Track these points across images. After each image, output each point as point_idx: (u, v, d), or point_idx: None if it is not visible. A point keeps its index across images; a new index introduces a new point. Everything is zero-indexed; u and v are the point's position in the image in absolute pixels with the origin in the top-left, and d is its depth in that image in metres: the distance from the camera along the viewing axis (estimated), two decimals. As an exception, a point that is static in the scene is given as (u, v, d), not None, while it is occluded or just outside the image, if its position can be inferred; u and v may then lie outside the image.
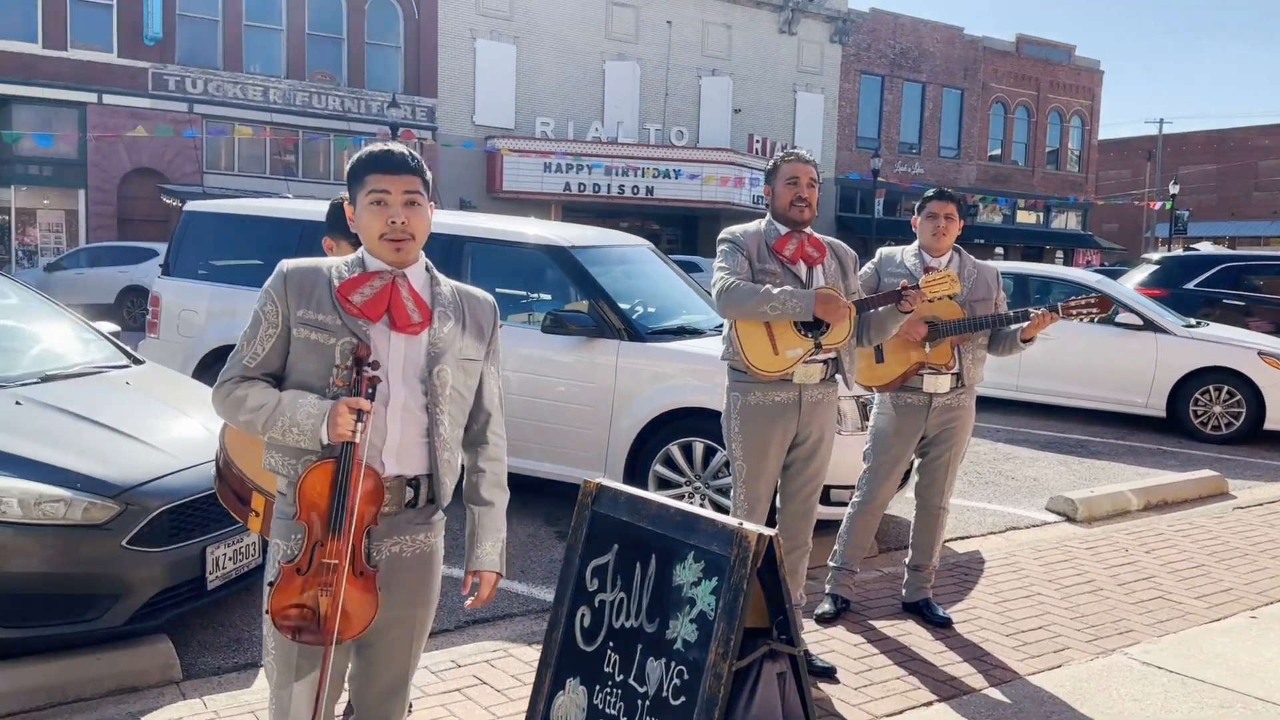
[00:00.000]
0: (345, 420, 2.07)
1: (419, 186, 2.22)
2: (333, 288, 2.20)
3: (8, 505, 3.57)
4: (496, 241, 6.38)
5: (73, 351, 4.90)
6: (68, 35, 23.75)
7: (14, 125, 22.89)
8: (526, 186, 28.56)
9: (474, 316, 2.35)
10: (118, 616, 3.73)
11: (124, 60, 24.40)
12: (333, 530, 2.10)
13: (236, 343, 2.27)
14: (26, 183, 24.22)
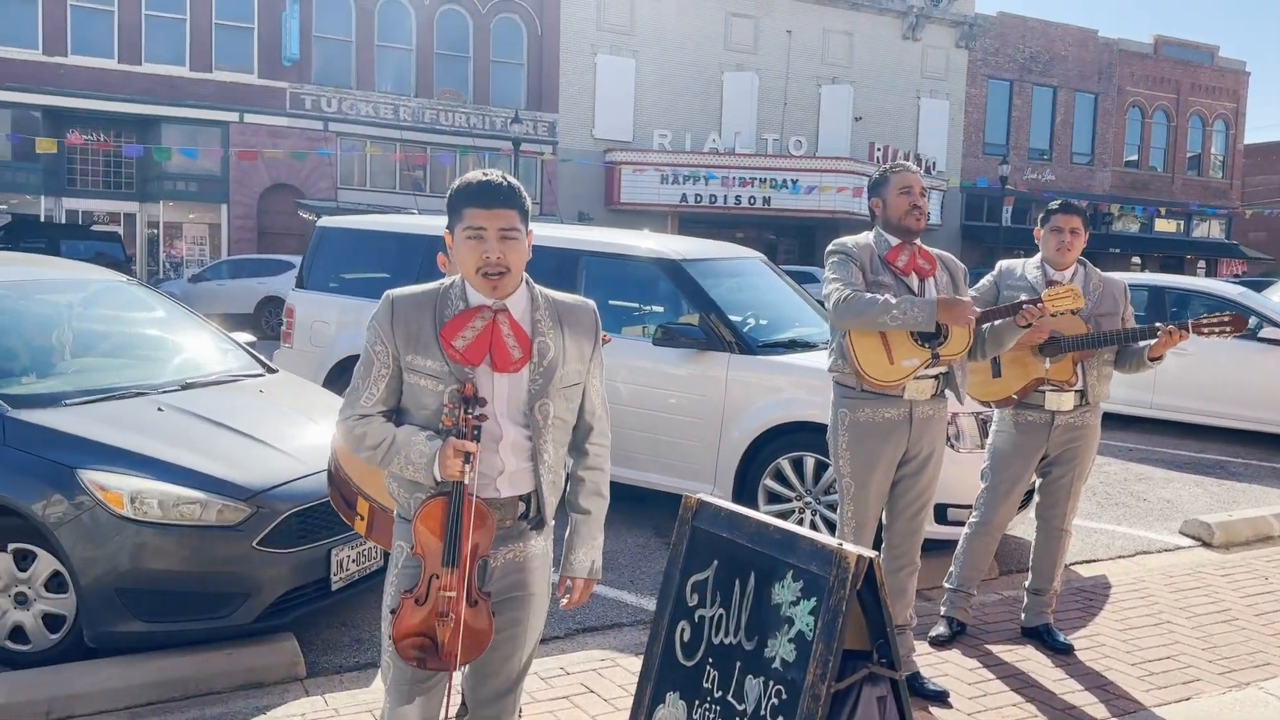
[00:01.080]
0: (453, 463, 2.17)
1: (516, 221, 2.25)
2: (437, 329, 2.25)
3: (148, 506, 3.79)
4: (610, 255, 6.46)
5: (211, 360, 5.18)
6: (212, 58, 25.14)
7: (163, 144, 24.35)
8: (643, 198, 28.79)
9: (574, 332, 2.38)
10: (248, 614, 3.92)
11: (264, 81, 25.68)
12: (447, 564, 2.20)
13: (354, 375, 2.36)
14: (174, 198, 25.71)
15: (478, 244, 2.22)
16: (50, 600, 3.89)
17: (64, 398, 4.28)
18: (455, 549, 2.20)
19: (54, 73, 23.55)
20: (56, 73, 23.57)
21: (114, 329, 5.22)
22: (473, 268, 2.23)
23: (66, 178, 24.71)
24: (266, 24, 25.53)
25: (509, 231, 2.23)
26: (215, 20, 25.05)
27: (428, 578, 2.24)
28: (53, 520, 3.78)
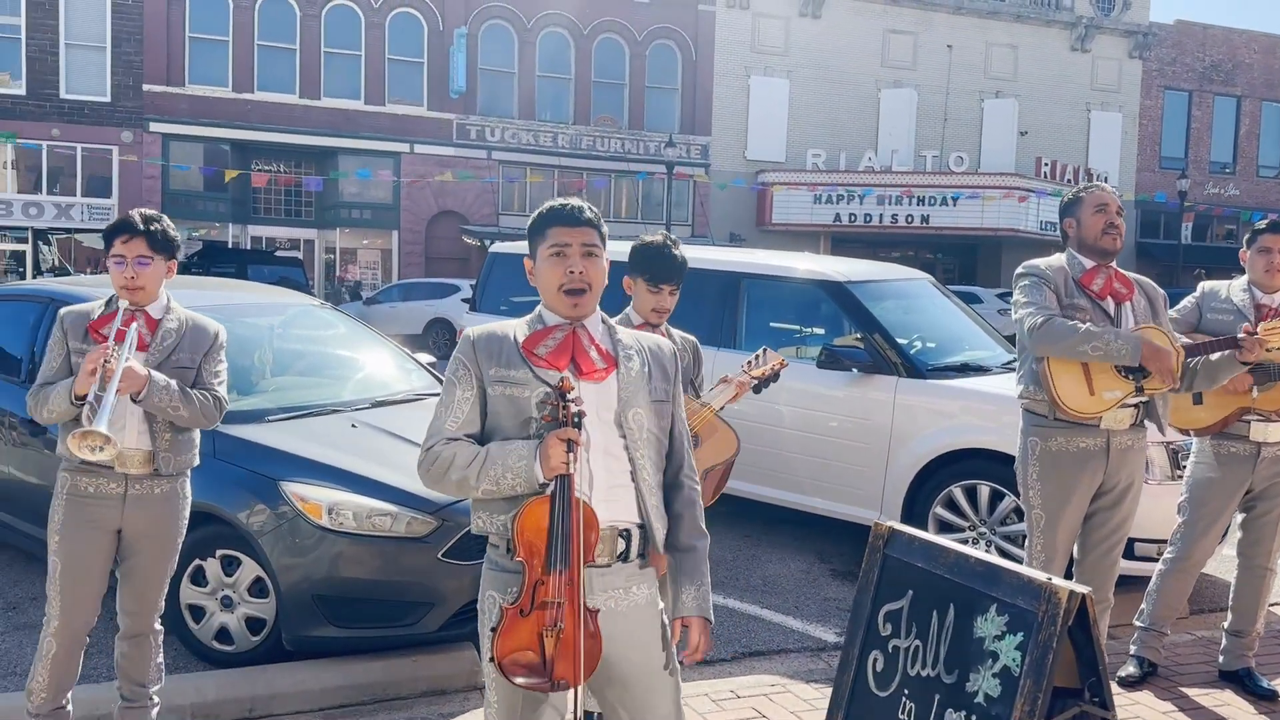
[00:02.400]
0: (557, 451, 2.09)
1: (596, 239, 2.27)
2: (518, 344, 2.25)
3: (344, 517, 4.01)
4: (771, 277, 6.45)
5: (396, 379, 5.45)
6: (385, 92, 26.50)
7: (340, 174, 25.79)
8: (796, 219, 28.58)
9: (657, 360, 2.36)
10: (432, 623, 4.08)
11: (432, 113, 26.89)
12: (553, 565, 2.07)
13: (435, 413, 2.29)
14: (349, 225, 27.18)
15: (561, 260, 2.23)
16: (252, 604, 4.15)
17: (267, 414, 4.58)
18: (565, 548, 2.05)
19: (242, 109, 25.32)
20: (244, 109, 25.34)
21: (309, 350, 5.56)
22: (555, 284, 2.23)
23: (252, 207, 26.48)
24: (435, 58, 26.75)
25: (591, 247, 2.25)
26: (388, 56, 26.42)
27: (531, 585, 2.08)
28: (256, 529, 4.05)
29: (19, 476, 4.99)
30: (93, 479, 3.09)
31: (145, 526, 3.16)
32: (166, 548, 3.24)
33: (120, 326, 3.05)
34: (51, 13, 23.73)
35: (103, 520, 3.12)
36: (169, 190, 24.70)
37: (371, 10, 26.15)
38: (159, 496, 3.17)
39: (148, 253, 3.06)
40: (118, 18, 24.20)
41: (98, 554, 3.15)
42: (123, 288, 3.07)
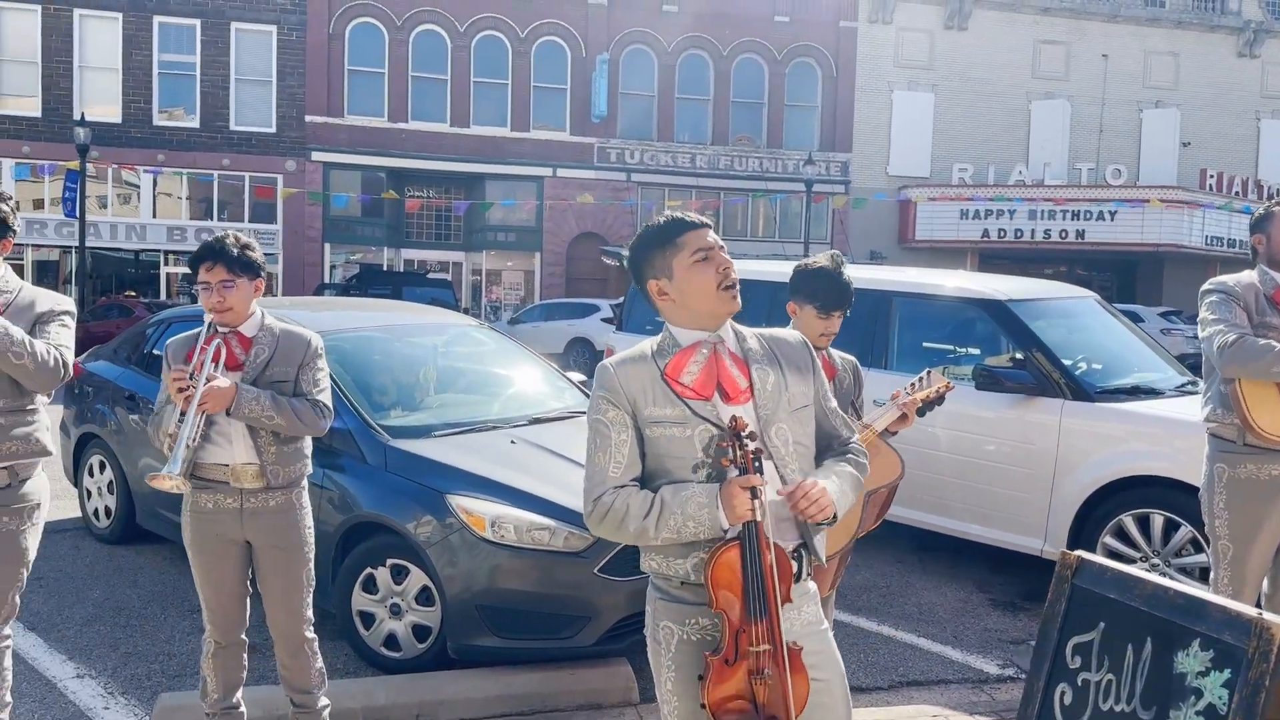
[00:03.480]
0: (742, 500, 2.03)
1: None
2: (663, 375, 2.17)
3: (506, 530, 4.13)
4: (925, 295, 6.31)
5: (551, 397, 5.58)
6: (530, 119, 27.27)
7: (486, 198, 26.65)
8: (941, 235, 27.88)
9: (788, 358, 2.29)
10: (588, 637, 4.14)
11: (574, 138, 27.50)
12: (752, 615, 2.04)
13: (589, 459, 2.21)
14: (494, 247, 28.02)
15: (709, 263, 2.17)
16: (419, 612, 4.31)
17: (433, 430, 4.76)
18: (762, 597, 2.04)
19: (397, 137, 26.48)
20: (399, 137, 26.49)
21: (469, 368, 5.76)
22: (713, 287, 2.16)
23: (404, 231, 27.61)
24: (578, 85, 27.38)
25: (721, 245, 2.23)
26: (533, 84, 27.19)
27: (733, 634, 2.06)
28: (424, 539, 4.20)
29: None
30: (211, 495, 3.19)
31: (267, 538, 3.24)
32: (293, 558, 3.27)
33: (203, 344, 3.13)
34: (224, 50, 25.42)
35: (227, 532, 3.22)
36: (329, 216, 26.02)
37: (518, 40, 26.98)
38: (274, 509, 3.22)
39: (229, 275, 3.10)
40: (283, 53, 25.72)
41: (230, 564, 3.25)
42: (212, 310, 3.15)
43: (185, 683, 4.18)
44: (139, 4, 24.84)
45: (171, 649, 4.54)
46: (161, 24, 25.11)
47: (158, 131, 25.15)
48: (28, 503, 2.99)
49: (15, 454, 2.91)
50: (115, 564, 5.70)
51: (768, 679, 2.04)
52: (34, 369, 2.81)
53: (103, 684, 4.15)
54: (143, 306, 19.41)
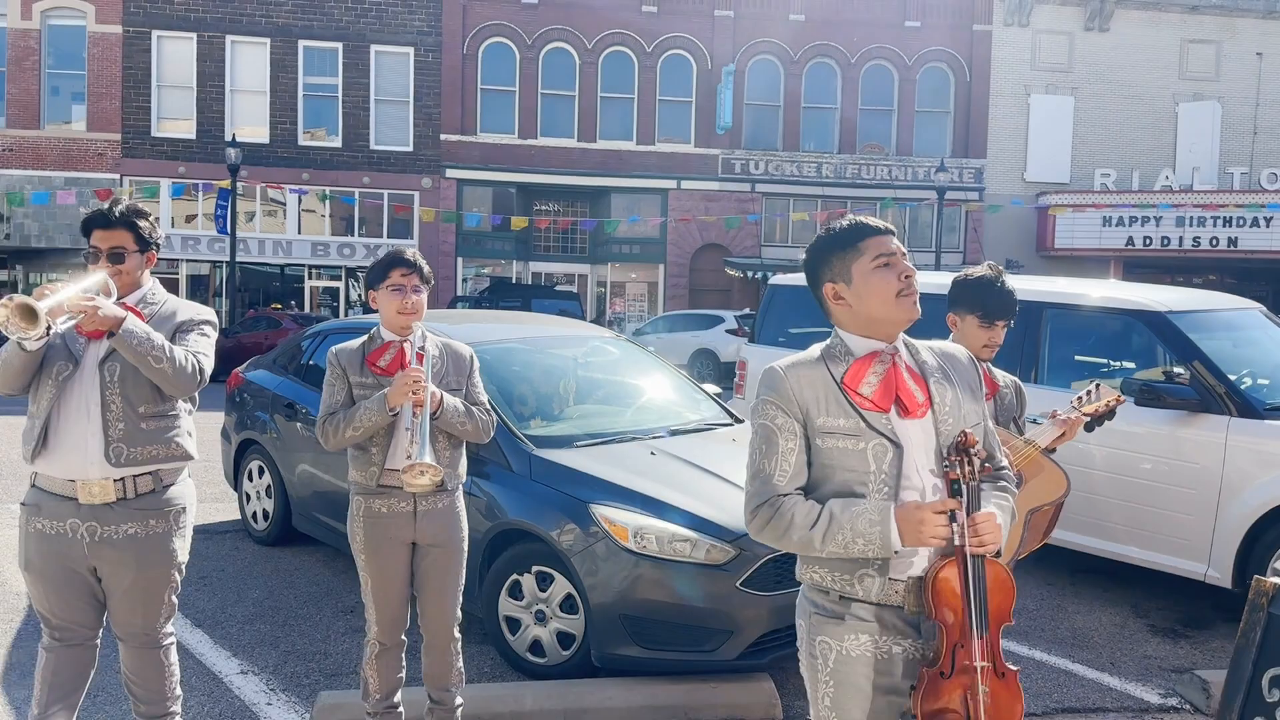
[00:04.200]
0: (931, 524, 2.01)
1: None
2: (840, 385, 2.13)
3: (648, 541, 4.15)
4: (1078, 307, 6.06)
5: (688, 409, 5.59)
6: (655, 132, 27.47)
7: (611, 212, 26.94)
8: (1081, 243, 26.78)
9: (960, 376, 2.24)
10: (730, 651, 4.12)
11: (699, 149, 27.56)
12: (973, 631, 2.03)
13: (752, 463, 2.17)
14: (619, 260, 28.29)
15: (890, 270, 2.14)
16: (563, 620, 4.36)
17: (574, 440, 4.83)
18: (983, 614, 2.04)
19: (526, 153, 27.06)
20: (528, 153, 27.07)
21: (607, 379, 5.82)
22: (891, 292, 2.13)
23: (533, 244, 28.16)
24: (703, 97, 27.45)
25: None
26: (659, 97, 27.39)
27: (950, 648, 2.05)
28: (568, 547, 4.26)
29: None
30: (385, 500, 3.36)
31: (434, 538, 3.41)
32: (454, 557, 3.46)
33: (416, 350, 3.33)
34: (364, 73, 26.48)
35: (399, 535, 3.39)
36: (461, 231, 26.76)
37: (645, 54, 27.23)
38: (443, 510, 3.42)
39: (420, 283, 3.36)
40: (419, 74, 26.63)
41: (400, 566, 3.42)
42: (399, 313, 3.33)
43: (341, 682, 4.33)
44: (285, 29, 26.13)
45: (327, 648, 4.72)
46: (306, 48, 26.34)
47: (303, 151, 26.37)
48: (174, 507, 3.10)
49: (158, 459, 3.02)
50: (273, 565, 5.97)
51: (984, 696, 2.02)
52: (173, 375, 2.91)
53: (265, 680, 4.34)
54: (289, 318, 20.32)
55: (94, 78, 25.47)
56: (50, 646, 3.09)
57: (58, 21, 25.42)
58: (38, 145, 25.29)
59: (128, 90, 25.56)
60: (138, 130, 25.68)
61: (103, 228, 2.99)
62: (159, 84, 25.84)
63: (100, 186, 24.89)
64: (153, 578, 3.05)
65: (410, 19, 26.56)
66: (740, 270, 26.63)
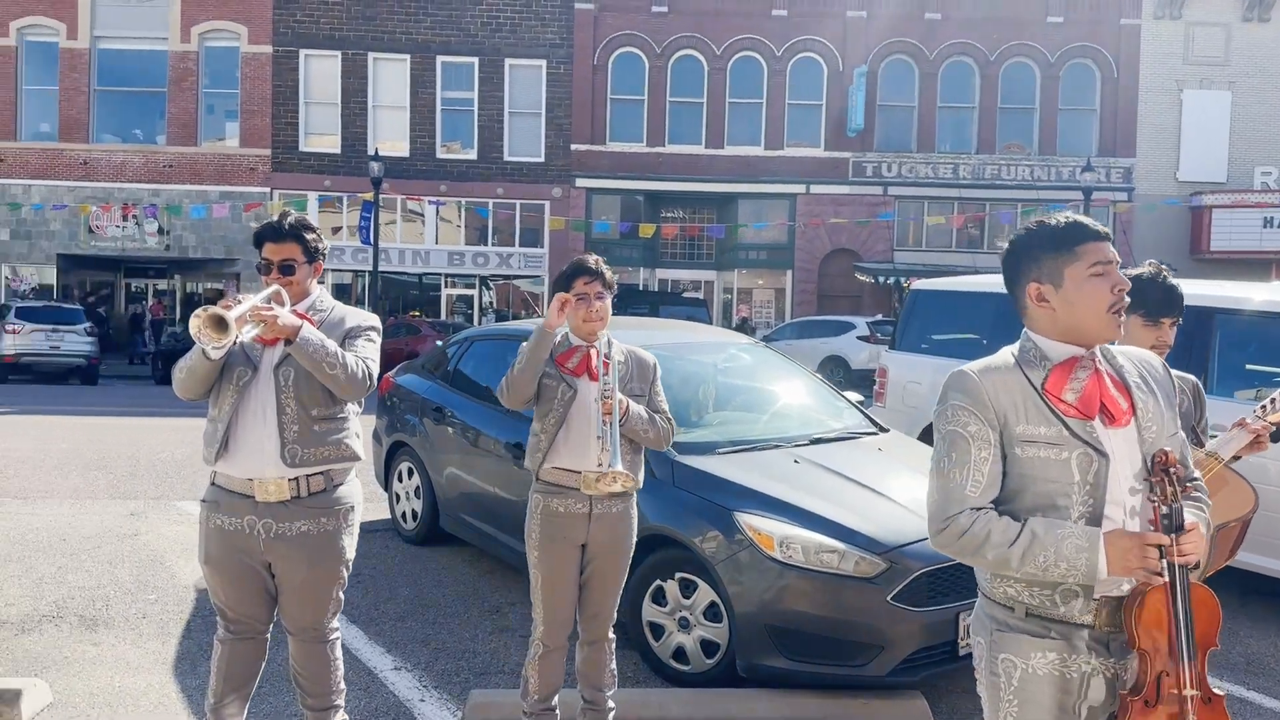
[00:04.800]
0: (1138, 557, 1.92)
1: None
2: (1041, 392, 2.03)
3: (794, 551, 4.08)
4: (1254, 312, 5.70)
5: (830, 417, 5.49)
6: (784, 136, 27.25)
7: (738, 218, 26.82)
8: (1240, 244, 25.25)
9: (1157, 383, 2.12)
10: (880, 667, 4.01)
11: (829, 153, 27.19)
12: (1181, 658, 1.96)
13: (937, 471, 2.07)
14: (746, 266, 28.15)
15: (1105, 280, 2.03)
16: (707, 627, 4.34)
17: (717, 447, 4.81)
18: (1191, 640, 1.96)
19: (654, 161, 27.23)
20: (656, 161, 27.23)
21: (747, 386, 5.77)
22: (1104, 305, 2.01)
23: (659, 251, 28.30)
24: (834, 100, 27.09)
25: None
26: (788, 102, 27.16)
27: (1155, 676, 1.98)
28: (711, 555, 4.23)
29: (501, 495, 5.64)
30: (562, 500, 3.45)
31: (605, 541, 3.48)
32: (621, 561, 3.54)
33: (603, 357, 3.41)
34: (498, 86, 27.14)
35: (572, 536, 3.46)
36: (591, 238, 27.12)
37: (774, 59, 27.05)
38: (616, 515, 3.49)
39: (602, 290, 3.44)
40: (551, 86, 27.14)
41: (570, 566, 3.48)
42: (585, 321, 3.43)
43: (490, 681, 4.42)
44: (424, 45, 27.02)
45: (475, 647, 4.83)
46: (444, 63, 27.17)
47: (440, 164, 27.20)
48: (343, 505, 3.21)
49: (329, 459, 3.14)
50: (421, 564, 6.14)
51: None
52: (345, 379, 3.02)
53: (417, 677, 4.46)
54: (427, 325, 20.96)
55: (246, 96, 26.88)
56: (225, 639, 3.25)
57: (213, 43, 26.93)
58: (195, 161, 26.84)
59: (277, 107, 26.87)
60: (286, 146, 26.96)
61: (274, 241, 3.13)
62: (306, 101, 27.07)
63: (252, 200, 26.26)
64: (323, 574, 3.18)
65: (543, 32, 27.10)
66: (871, 275, 26.11)
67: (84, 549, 6.38)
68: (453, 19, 27.02)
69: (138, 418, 14.04)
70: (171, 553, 6.36)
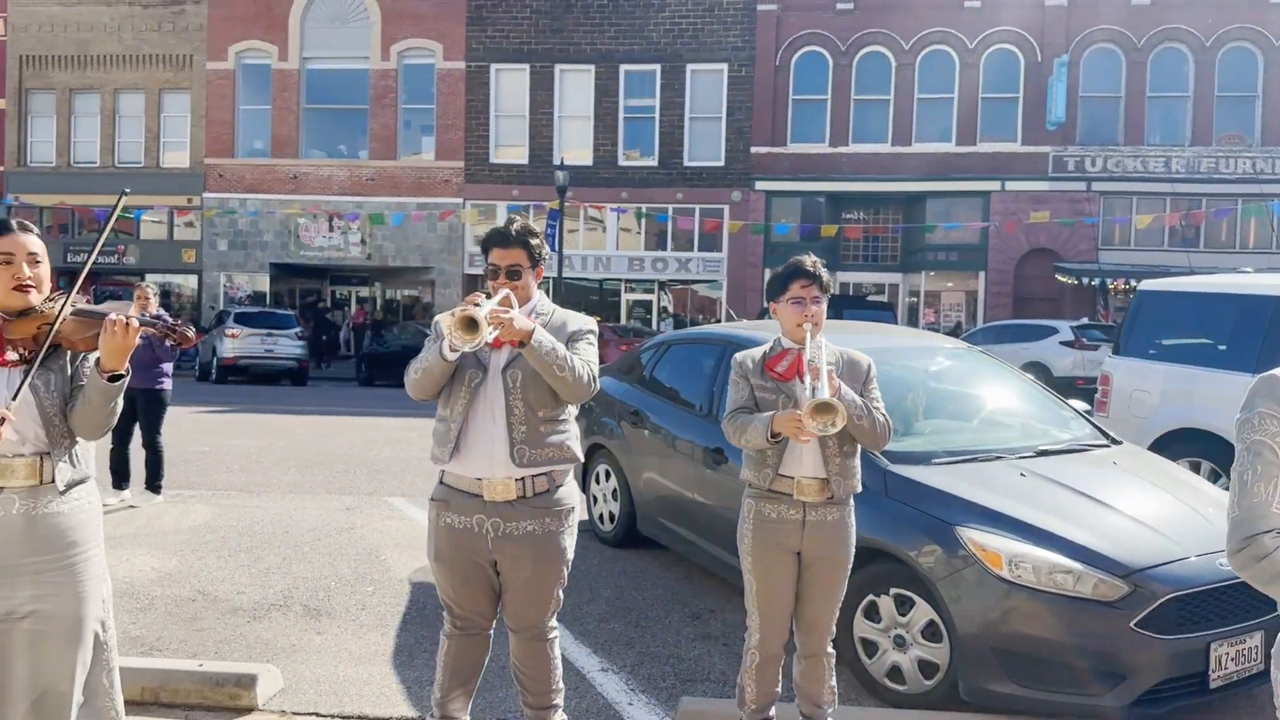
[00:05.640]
0: None
1: None
2: None
3: (1023, 570, 3.82)
4: None
5: (1056, 427, 5.15)
6: (977, 131, 26.15)
7: (926, 218, 25.92)
8: None
9: None
10: (1120, 697, 3.70)
11: (1026, 148, 25.90)
12: None
13: (1239, 489, 1.92)
14: (934, 268, 27.17)
15: None
16: (925, 647, 4.12)
17: (933, 456, 4.57)
18: None
19: (836, 162, 26.71)
20: (838, 161, 26.70)
21: (962, 392, 5.49)
22: None
23: (841, 254, 27.72)
24: (1031, 92, 25.80)
25: None
26: (981, 95, 26.07)
27: None
28: (931, 571, 4.01)
29: (698, 499, 5.58)
30: (775, 505, 3.36)
31: (820, 550, 3.36)
32: (838, 571, 3.41)
33: (824, 363, 3.25)
34: (679, 91, 27.31)
35: (786, 542, 3.36)
36: (770, 242, 26.88)
37: (966, 52, 26.03)
38: (831, 522, 3.37)
39: (819, 293, 3.37)
40: (732, 89, 27.08)
41: (785, 573, 3.39)
42: (798, 325, 3.36)
43: (697, 688, 4.35)
44: (609, 55, 27.51)
45: (680, 652, 4.78)
46: (627, 72, 27.58)
47: (622, 171, 27.61)
48: (564, 506, 3.23)
49: (553, 460, 3.17)
50: (620, 566, 6.16)
51: None
52: (573, 382, 3.06)
53: (624, 680, 4.45)
54: (609, 330, 21.29)
55: (441, 111, 28.12)
56: (451, 634, 3.31)
57: (411, 61, 28.31)
58: (394, 174, 28.29)
59: (469, 121, 27.98)
60: (478, 158, 28.02)
61: (501, 246, 3.18)
62: (496, 114, 28.05)
63: (446, 209, 27.44)
64: (546, 573, 3.21)
65: (725, 35, 27.07)
66: (1074, 277, 24.63)
67: (305, 541, 6.75)
68: (636, 27, 27.38)
69: (345, 417, 14.88)
70: (386, 547, 6.64)
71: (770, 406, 3.37)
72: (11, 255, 2.60)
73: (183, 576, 5.85)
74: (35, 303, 2.62)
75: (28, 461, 2.55)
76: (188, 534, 6.88)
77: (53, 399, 2.59)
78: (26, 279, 2.60)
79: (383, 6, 28.06)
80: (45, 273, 2.68)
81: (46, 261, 2.69)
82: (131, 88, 29.11)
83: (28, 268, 2.61)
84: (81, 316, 2.58)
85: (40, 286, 2.65)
